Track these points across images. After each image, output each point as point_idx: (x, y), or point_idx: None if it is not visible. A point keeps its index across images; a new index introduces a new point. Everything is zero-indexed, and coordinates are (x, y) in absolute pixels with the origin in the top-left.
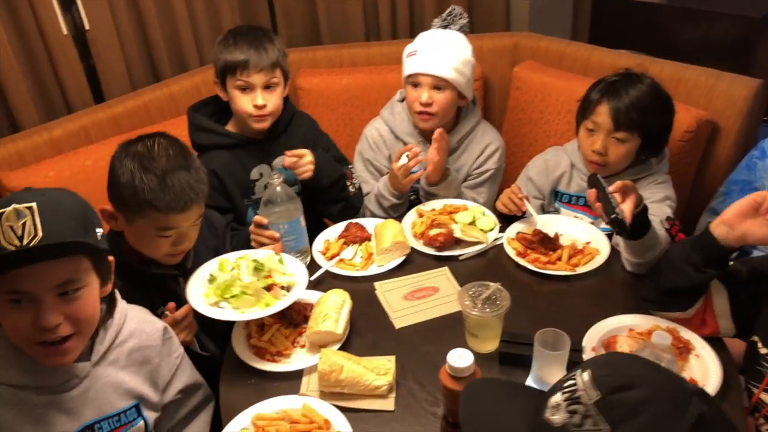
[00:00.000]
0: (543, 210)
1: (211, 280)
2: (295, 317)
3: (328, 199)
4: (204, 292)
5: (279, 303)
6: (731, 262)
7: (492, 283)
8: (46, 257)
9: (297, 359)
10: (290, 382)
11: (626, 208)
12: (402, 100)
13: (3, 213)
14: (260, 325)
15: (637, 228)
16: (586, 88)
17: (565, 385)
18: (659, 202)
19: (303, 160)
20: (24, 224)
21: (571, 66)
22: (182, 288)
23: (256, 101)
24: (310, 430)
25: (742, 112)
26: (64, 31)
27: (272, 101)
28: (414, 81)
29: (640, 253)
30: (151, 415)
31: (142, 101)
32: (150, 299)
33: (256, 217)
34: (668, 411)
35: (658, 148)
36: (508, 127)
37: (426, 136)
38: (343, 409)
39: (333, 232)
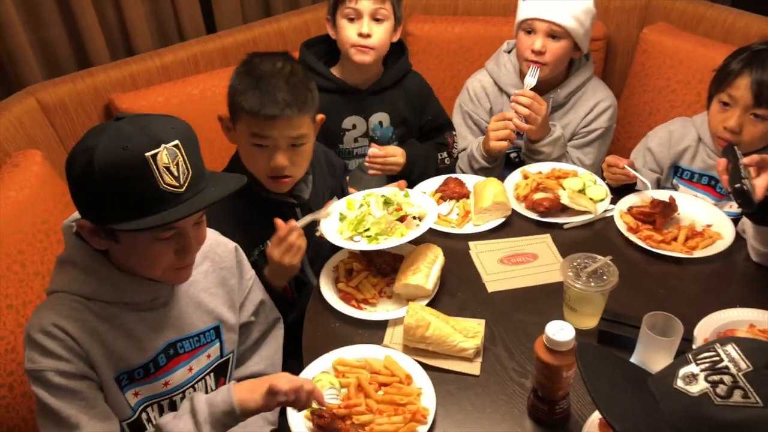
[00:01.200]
0: (658, 185)
1: (342, 218)
2: (384, 266)
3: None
4: (337, 228)
5: (413, 231)
6: None
7: (600, 257)
8: (205, 206)
9: (383, 309)
10: (374, 331)
11: (760, 184)
12: (509, 51)
13: (157, 154)
14: (349, 270)
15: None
16: (725, 56)
17: (700, 357)
18: None
19: (388, 160)
20: (177, 164)
21: (709, 31)
22: (299, 218)
23: (362, 29)
24: (390, 383)
25: None
26: None
27: (378, 33)
28: (528, 27)
29: None
30: (228, 338)
31: (252, 35)
32: (267, 227)
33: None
34: None
35: None
36: (628, 93)
37: (535, 88)
38: (425, 367)
39: (431, 185)
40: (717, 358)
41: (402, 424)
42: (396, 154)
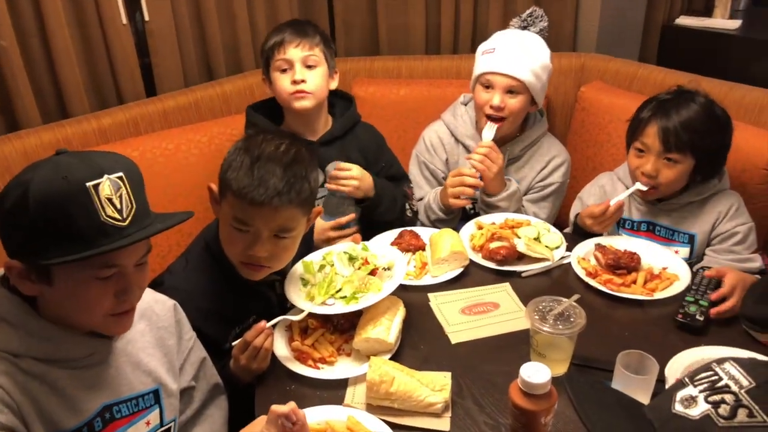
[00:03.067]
0: None
1: (305, 282)
2: (342, 323)
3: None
4: (302, 296)
5: (389, 283)
6: None
7: (565, 299)
8: (150, 234)
9: (342, 367)
10: (334, 391)
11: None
12: (466, 104)
13: (99, 184)
14: (304, 328)
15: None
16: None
17: (697, 378)
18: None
19: (344, 173)
20: (121, 196)
21: (641, 89)
22: (277, 292)
23: (295, 76)
24: None
25: None
26: (124, 20)
27: (312, 78)
28: (487, 81)
29: None
30: (169, 404)
31: (194, 98)
32: (242, 306)
33: (331, 222)
34: None
35: (715, 169)
36: (570, 149)
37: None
38: (392, 426)
39: (386, 238)
40: (716, 377)
41: None
42: (353, 168)
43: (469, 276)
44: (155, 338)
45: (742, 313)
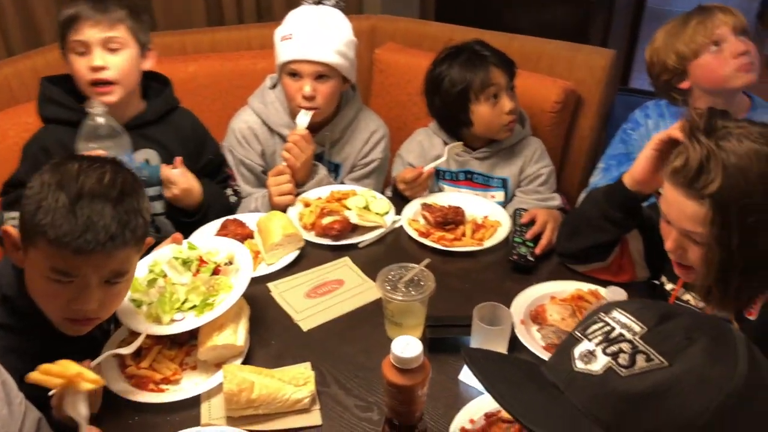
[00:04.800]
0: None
1: (139, 303)
2: (180, 335)
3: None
4: (142, 320)
5: (239, 278)
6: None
7: (414, 264)
8: None
9: (189, 384)
10: (186, 412)
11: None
12: (273, 87)
13: None
14: (136, 350)
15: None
16: None
17: (589, 331)
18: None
19: (174, 177)
20: None
21: (433, 46)
22: (104, 327)
23: (93, 62)
24: None
25: (602, 81)
26: None
27: (116, 65)
28: (293, 70)
29: None
30: None
31: None
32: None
33: None
34: (719, 337)
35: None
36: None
37: (310, 128)
38: None
39: (207, 231)
40: (608, 328)
41: None
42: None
43: (307, 257)
44: None
45: (558, 251)
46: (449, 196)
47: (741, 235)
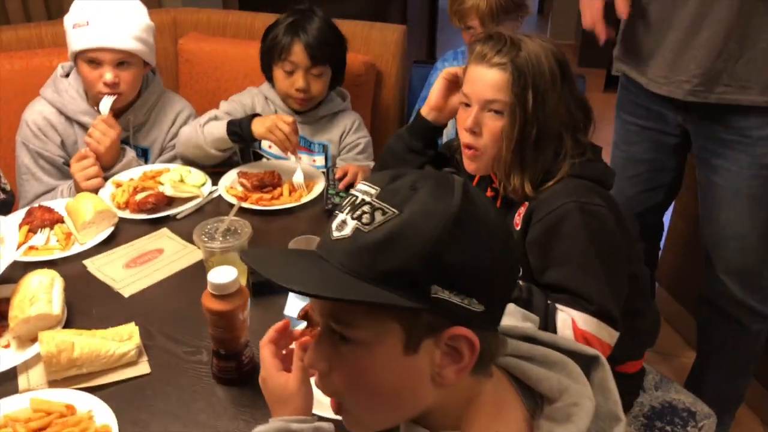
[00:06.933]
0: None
1: None
2: None
3: None
4: None
5: (9, 238)
6: None
7: (225, 216)
8: None
9: (3, 361)
10: (2, 388)
11: None
12: (67, 75)
13: None
14: None
15: None
16: (257, 51)
17: (343, 205)
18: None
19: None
20: None
21: (236, 33)
22: None
23: None
24: (49, 423)
25: (396, 55)
26: None
27: None
28: (91, 57)
29: None
30: None
31: None
32: None
33: None
34: (440, 182)
35: (341, 80)
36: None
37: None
38: (88, 390)
39: (9, 221)
40: (354, 198)
41: None
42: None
43: (123, 233)
44: None
45: None
46: (267, 164)
47: (534, 97)
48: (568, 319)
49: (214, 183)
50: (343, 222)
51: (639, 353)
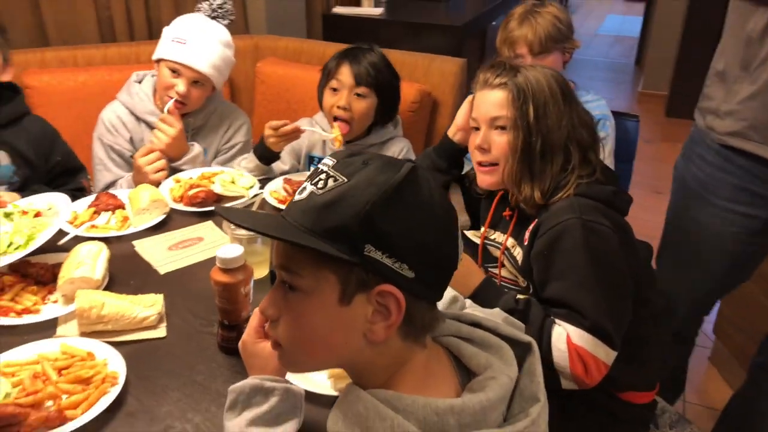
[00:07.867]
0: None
1: None
2: (43, 275)
3: None
4: None
5: (55, 218)
6: None
7: (254, 199)
8: None
9: (48, 312)
10: (41, 332)
11: None
12: (140, 81)
13: None
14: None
15: None
16: None
17: (310, 176)
18: None
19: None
20: None
21: (309, 60)
22: None
23: None
24: (70, 365)
25: (453, 85)
26: None
27: None
28: (174, 68)
29: None
30: None
31: None
32: None
33: None
34: (390, 162)
35: (391, 112)
36: (257, 121)
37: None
38: (109, 344)
39: (80, 204)
40: (318, 169)
41: (93, 389)
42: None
43: (172, 222)
44: None
45: None
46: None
47: (536, 110)
48: (563, 334)
49: (263, 188)
50: (304, 188)
51: (646, 384)
